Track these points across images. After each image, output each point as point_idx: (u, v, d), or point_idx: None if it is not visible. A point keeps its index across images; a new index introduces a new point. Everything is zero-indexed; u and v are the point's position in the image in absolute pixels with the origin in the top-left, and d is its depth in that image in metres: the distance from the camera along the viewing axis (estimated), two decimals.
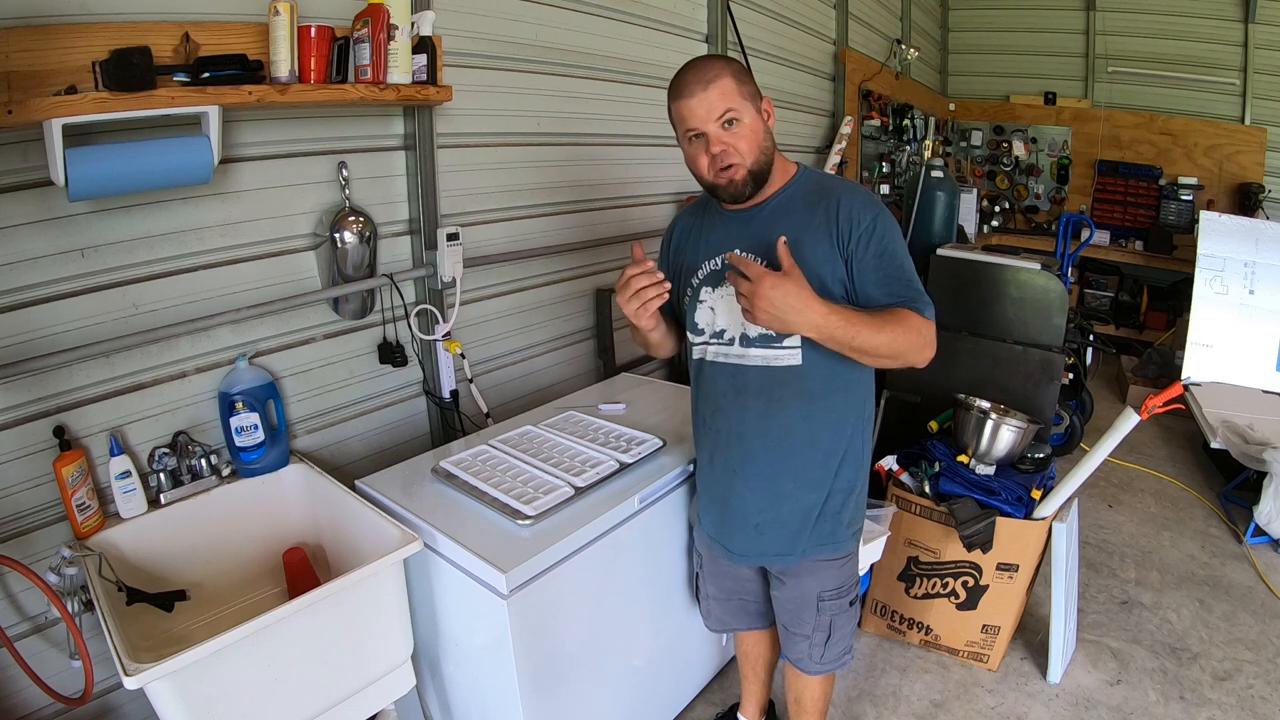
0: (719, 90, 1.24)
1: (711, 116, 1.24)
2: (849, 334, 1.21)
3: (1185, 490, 3.28)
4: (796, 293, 1.17)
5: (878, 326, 1.22)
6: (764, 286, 1.16)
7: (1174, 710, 2.00)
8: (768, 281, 1.16)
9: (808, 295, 1.18)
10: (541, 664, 1.44)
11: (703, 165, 1.29)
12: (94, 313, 1.46)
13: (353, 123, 1.83)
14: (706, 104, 1.24)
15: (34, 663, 1.38)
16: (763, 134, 1.29)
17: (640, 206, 2.82)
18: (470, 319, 2.21)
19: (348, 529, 1.56)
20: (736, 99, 1.25)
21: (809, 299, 1.18)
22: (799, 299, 1.17)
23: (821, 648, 1.53)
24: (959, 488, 2.09)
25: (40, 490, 1.43)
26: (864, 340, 1.22)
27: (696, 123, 1.26)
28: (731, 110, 1.24)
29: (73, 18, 1.31)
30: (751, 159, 1.28)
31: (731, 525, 1.48)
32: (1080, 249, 4.53)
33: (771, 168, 1.33)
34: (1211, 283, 1.63)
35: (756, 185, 1.31)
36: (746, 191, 1.31)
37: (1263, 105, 4.92)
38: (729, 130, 1.26)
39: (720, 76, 1.25)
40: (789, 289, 1.16)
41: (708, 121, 1.25)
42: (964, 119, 5.85)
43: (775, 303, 1.16)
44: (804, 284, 1.18)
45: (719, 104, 1.24)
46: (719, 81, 1.24)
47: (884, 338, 1.23)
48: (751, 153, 1.27)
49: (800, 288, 1.17)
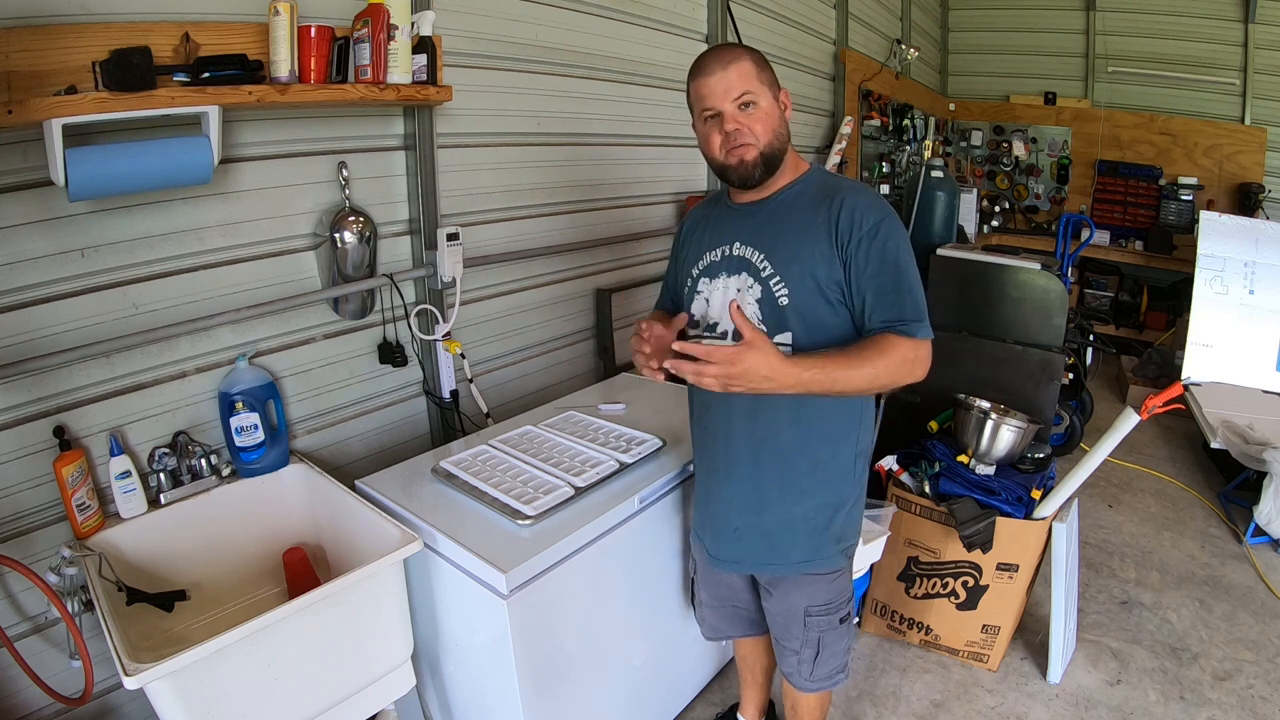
0: (738, 71, 1.25)
1: (729, 96, 1.25)
2: (828, 383, 1.17)
3: (1185, 490, 3.28)
4: (763, 362, 1.11)
5: (858, 363, 1.18)
6: (730, 369, 1.11)
7: (1174, 710, 2.00)
8: (732, 365, 1.11)
9: (774, 361, 1.13)
10: (541, 664, 1.44)
11: (715, 145, 1.29)
12: (94, 313, 1.46)
13: (353, 123, 1.83)
14: (725, 83, 1.25)
15: (34, 663, 1.38)
16: (778, 120, 1.29)
17: (640, 206, 2.82)
18: (470, 319, 2.21)
19: (348, 529, 1.56)
20: (755, 82, 1.26)
21: (776, 365, 1.13)
22: (767, 368, 1.12)
23: (810, 664, 1.50)
24: (959, 488, 2.09)
25: (40, 490, 1.43)
26: (845, 383, 1.18)
27: (714, 101, 1.26)
28: (749, 92, 1.25)
29: (73, 18, 1.31)
30: (765, 141, 1.27)
31: (713, 527, 1.47)
32: (1080, 249, 4.53)
33: (784, 156, 1.32)
34: (1211, 283, 1.63)
35: (767, 170, 1.30)
36: (756, 174, 1.29)
37: (1263, 105, 4.92)
38: (745, 111, 1.26)
39: (740, 59, 1.26)
40: (753, 362, 1.11)
41: (725, 100, 1.25)
42: (964, 119, 5.85)
43: (746, 378, 1.12)
44: (767, 350, 1.12)
45: (737, 84, 1.25)
46: (739, 63, 1.25)
47: (865, 373, 1.18)
48: (765, 135, 1.27)
49: (764, 356, 1.12)
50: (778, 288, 1.29)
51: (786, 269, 1.29)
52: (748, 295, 1.32)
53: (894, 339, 1.21)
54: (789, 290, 1.28)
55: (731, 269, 1.35)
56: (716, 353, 1.11)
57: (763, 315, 1.31)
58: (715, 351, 1.11)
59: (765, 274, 1.30)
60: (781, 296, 1.29)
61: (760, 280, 1.31)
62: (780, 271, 1.29)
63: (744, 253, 1.34)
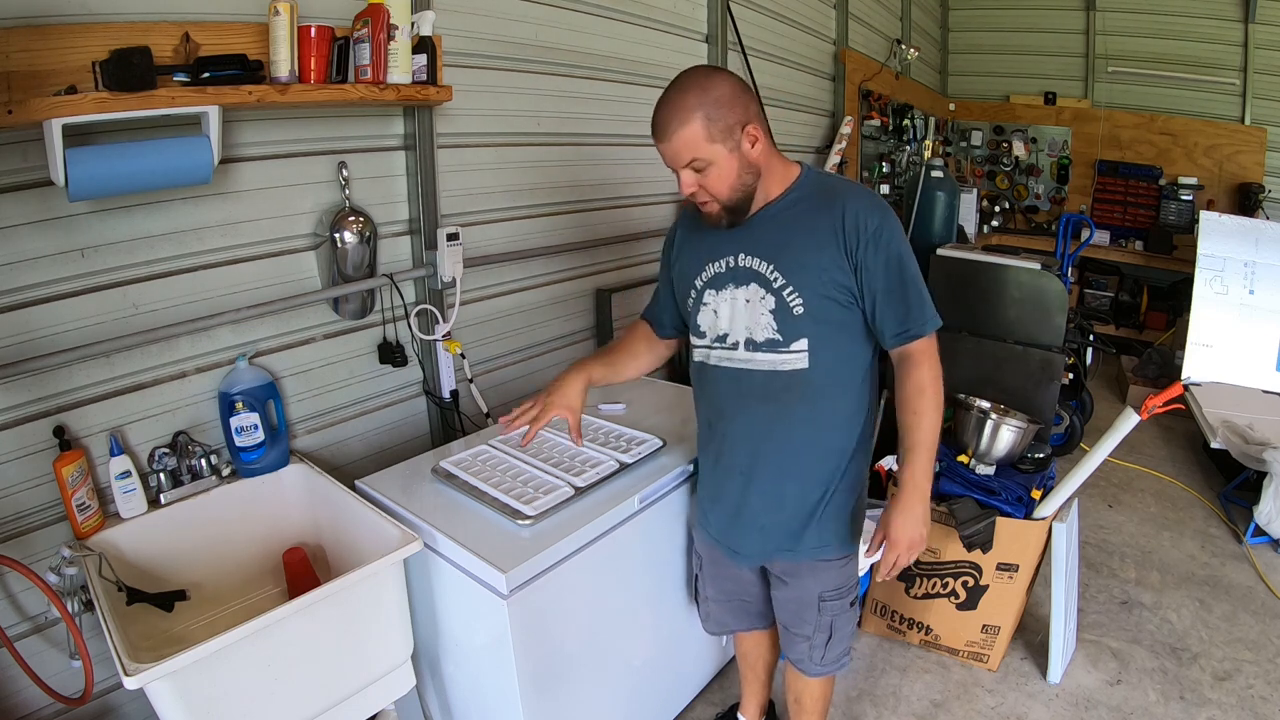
0: (682, 142, 1.22)
1: (678, 163, 1.25)
2: (932, 451, 1.33)
3: (1185, 490, 3.28)
4: (903, 517, 1.32)
5: (921, 413, 1.31)
6: (903, 548, 1.33)
7: (1174, 710, 2.00)
8: (898, 546, 1.34)
9: (910, 509, 1.32)
10: (541, 664, 1.44)
11: (685, 190, 1.29)
12: (94, 313, 1.46)
13: (353, 123, 1.83)
14: (671, 152, 1.24)
15: (34, 663, 1.38)
16: (738, 171, 1.25)
17: (640, 206, 2.82)
18: (470, 319, 2.21)
19: (348, 529, 1.56)
20: (703, 147, 1.22)
21: (907, 503, 1.32)
22: (909, 513, 1.32)
23: (822, 649, 1.52)
24: (959, 488, 2.09)
25: (40, 490, 1.43)
26: (933, 434, 1.33)
27: (668, 162, 1.27)
28: (696, 160, 1.23)
29: (73, 18, 1.31)
30: (725, 196, 1.27)
31: (740, 528, 1.48)
32: (1080, 249, 4.53)
33: (754, 192, 1.31)
34: (1211, 283, 1.63)
35: (737, 214, 1.31)
36: (724, 222, 1.31)
37: (1263, 105, 4.92)
38: (700, 174, 1.25)
39: (683, 126, 1.20)
40: (899, 524, 1.33)
41: (676, 164, 1.26)
42: (964, 119, 5.85)
43: (911, 532, 1.33)
44: (893, 512, 1.33)
45: (684, 153, 1.23)
46: (681, 132, 1.21)
47: (931, 413, 1.32)
48: (724, 191, 1.26)
49: (898, 515, 1.33)
50: (791, 297, 1.30)
51: (798, 277, 1.29)
52: (760, 306, 1.32)
53: (919, 363, 1.31)
54: (803, 299, 1.29)
55: (740, 280, 1.35)
56: (886, 556, 1.35)
57: (778, 325, 1.32)
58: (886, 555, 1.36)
59: (777, 284, 1.30)
60: (796, 306, 1.30)
61: (773, 291, 1.31)
62: (792, 281, 1.30)
63: (751, 264, 1.33)
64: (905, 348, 1.32)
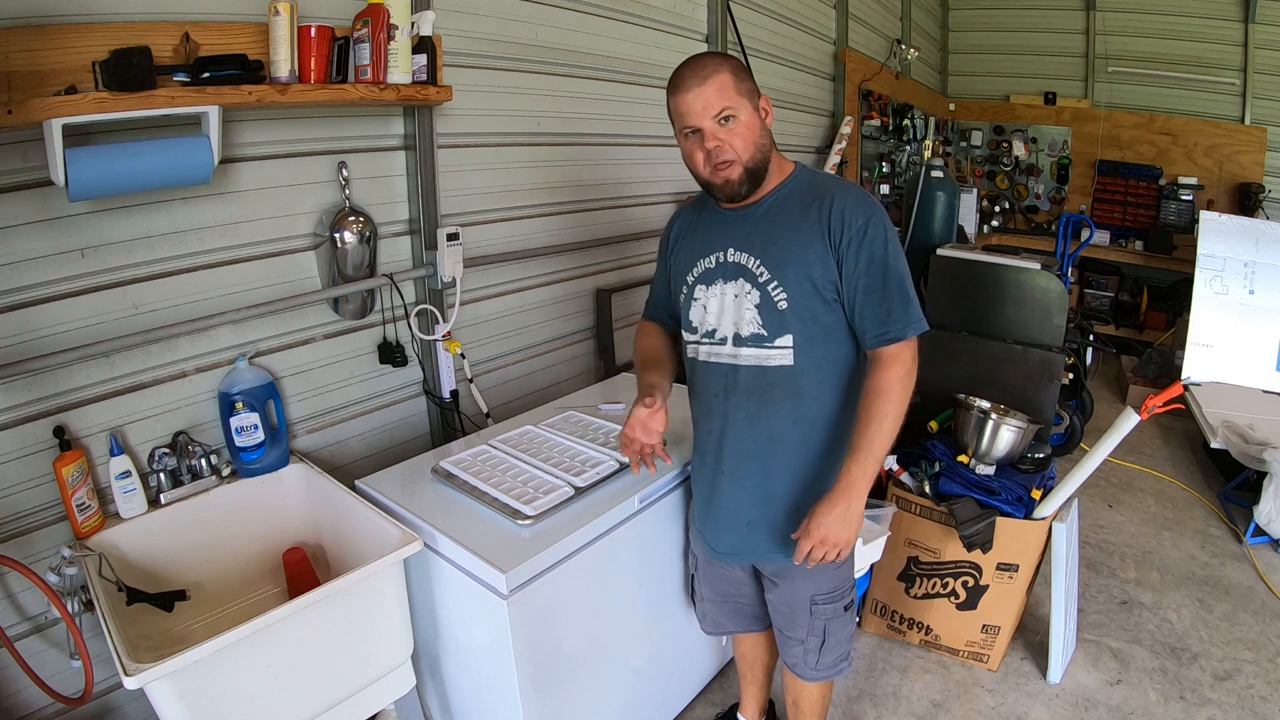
0: (715, 86, 1.23)
1: (708, 113, 1.24)
2: (879, 454, 1.28)
3: (1185, 490, 3.28)
4: (829, 515, 1.28)
5: (879, 418, 1.27)
6: (813, 539, 1.29)
7: (1174, 710, 2.00)
8: (811, 537, 1.29)
9: (834, 506, 1.28)
10: (541, 664, 1.44)
11: (699, 162, 1.29)
12: (94, 313, 1.46)
13: (353, 123, 1.83)
14: (703, 99, 1.23)
15: (34, 663, 1.38)
16: (759, 131, 1.28)
17: (640, 206, 2.82)
18: (470, 319, 2.21)
19: (348, 529, 1.56)
20: (733, 96, 1.24)
21: (835, 507, 1.28)
22: (833, 512, 1.28)
23: (816, 654, 1.51)
24: (959, 488, 2.09)
25: (40, 490, 1.43)
26: (885, 438, 1.28)
27: (693, 118, 1.25)
28: (728, 107, 1.24)
29: (73, 18, 1.31)
30: (747, 156, 1.27)
31: (720, 524, 1.48)
32: (1080, 249, 4.53)
33: (768, 166, 1.32)
34: (1211, 283, 1.63)
35: (753, 184, 1.30)
36: (742, 190, 1.30)
37: (1263, 105, 4.91)
38: (724, 127, 1.25)
39: (718, 72, 1.24)
40: (821, 521, 1.28)
41: (704, 117, 1.24)
42: (964, 119, 5.85)
43: (831, 530, 1.28)
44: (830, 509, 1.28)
45: (715, 100, 1.23)
46: (716, 77, 1.23)
47: (890, 419, 1.27)
48: (747, 150, 1.27)
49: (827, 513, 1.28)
50: (775, 292, 1.30)
51: (782, 273, 1.30)
52: (746, 301, 1.33)
53: (887, 366, 1.28)
54: (786, 294, 1.30)
55: (728, 275, 1.35)
56: (800, 545, 1.30)
57: (762, 320, 1.32)
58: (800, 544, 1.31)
59: (762, 279, 1.31)
60: (780, 301, 1.30)
61: (757, 285, 1.32)
62: (776, 276, 1.30)
63: (739, 259, 1.34)
64: (882, 350, 1.30)
